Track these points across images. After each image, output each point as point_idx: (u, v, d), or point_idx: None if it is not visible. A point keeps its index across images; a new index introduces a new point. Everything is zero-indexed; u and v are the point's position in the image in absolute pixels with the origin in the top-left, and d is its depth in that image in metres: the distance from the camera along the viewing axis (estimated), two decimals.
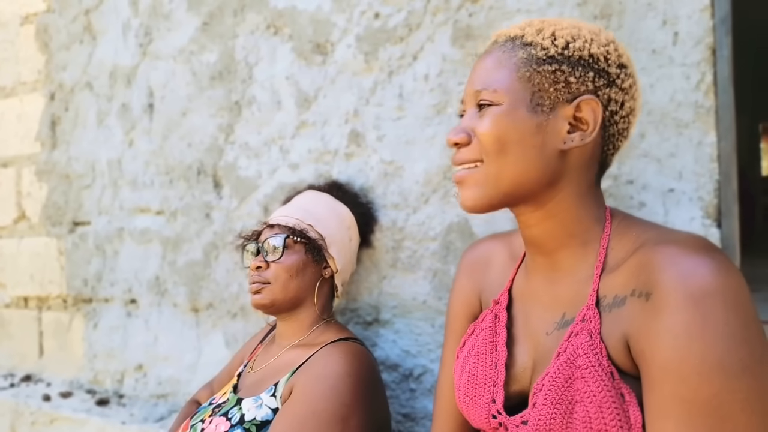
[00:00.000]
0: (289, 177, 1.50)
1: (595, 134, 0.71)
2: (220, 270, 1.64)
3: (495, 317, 0.83)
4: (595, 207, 0.75)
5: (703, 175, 1.04)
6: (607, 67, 0.72)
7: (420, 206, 1.32)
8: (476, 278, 0.92)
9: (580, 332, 0.69)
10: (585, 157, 0.73)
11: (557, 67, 0.70)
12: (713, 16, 1.04)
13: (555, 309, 0.76)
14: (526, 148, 0.70)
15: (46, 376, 2.06)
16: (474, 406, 0.80)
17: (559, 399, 0.67)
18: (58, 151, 2.02)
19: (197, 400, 1.36)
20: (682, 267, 0.60)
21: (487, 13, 1.24)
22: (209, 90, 1.65)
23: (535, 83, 0.71)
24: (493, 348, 0.81)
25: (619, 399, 0.64)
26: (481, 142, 0.72)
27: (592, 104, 0.71)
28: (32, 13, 2.10)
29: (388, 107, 1.36)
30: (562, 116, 0.71)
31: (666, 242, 0.65)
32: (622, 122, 0.74)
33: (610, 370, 0.66)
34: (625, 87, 0.73)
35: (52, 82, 2.04)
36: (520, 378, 0.78)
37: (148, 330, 1.80)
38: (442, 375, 0.95)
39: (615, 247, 0.72)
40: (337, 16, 1.43)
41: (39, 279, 2.07)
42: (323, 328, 1.17)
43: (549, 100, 0.71)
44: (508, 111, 0.71)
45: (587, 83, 0.71)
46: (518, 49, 0.73)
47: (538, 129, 0.70)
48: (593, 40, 0.72)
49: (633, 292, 0.65)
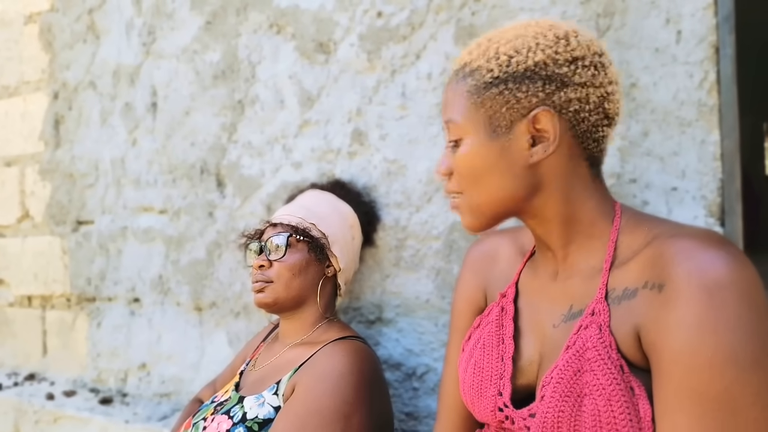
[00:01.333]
0: (292, 176, 1.50)
1: (557, 142, 0.71)
2: (223, 269, 1.64)
3: (502, 310, 0.84)
4: (597, 202, 0.75)
5: (706, 174, 1.04)
6: (557, 69, 0.70)
7: (423, 205, 1.32)
8: (482, 273, 0.93)
9: (590, 325, 0.69)
10: (561, 162, 0.73)
11: (503, 87, 0.71)
12: (716, 14, 1.03)
13: (562, 302, 0.76)
14: (496, 172, 0.73)
15: (49, 375, 2.07)
16: (480, 399, 0.80)
17: (567, 392, 0.67)
18: (62, 150, 2.03)
19: (200, 399, 1.37)
20: (696, 260, 0.61)
21: (490, 11, 1.24)
22: (212, 89, 1.66)
23: (487, 108, 0.73)
24: (499, 341, 0.81)
25: (629, 392, 0.64)
26: (457, 175, 0.77)
27: (546, 115, 0.70)
28: (36, 13, 2.11)
29: (391, 106, 1.36)
30: (520, 133, 0.72)
31: (680, 235, 0.65)
32: (595, 114, 0.72)
33: (619, 363, 0.66)
34: (583, 81, 0.70)
35: (56, 81, 2.04)
36: (526, 371, 0.78)
37: (152, 329, 1.80)
38: (447, 371, 0.95)
39: (625, 241, 0.72)
40: (340, 15, 1.43)
41: (43, 278, 2.08)
42: (326, 326, 1.18)
43: (504, 120, 0.72)
44: (471, 142, 0.74)
45: (538, 94, 0.70)
46: (466, 78, 0.75)
47: (501, 152, 0.73)
48: (537, 44, 0.71)
49: (645, 284, 0.66)
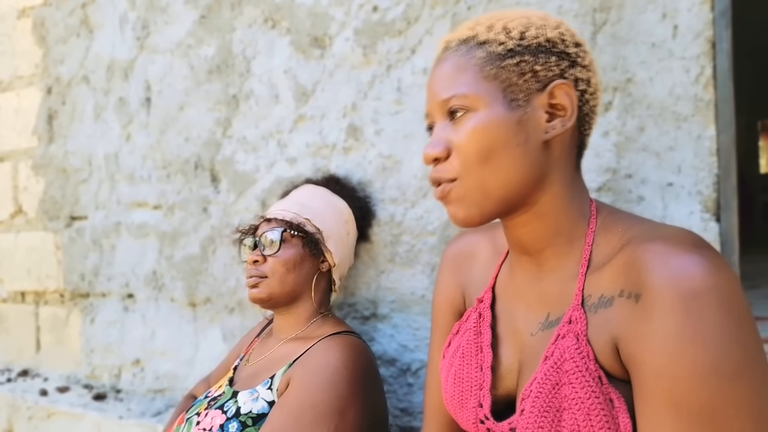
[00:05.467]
0: (286, 171, 1.50)
1: (575, 116, 0.69)
2: (218, 264, 1.63)
3: (479, 316, 0.81)
4: (580, 199, 0.73)
5: (702, 169, 1.04)
6: (566, 48, 0.70)
7: (418, 201, 1.31)
8: (459, 273, 0.90)
9: (567, 335, 0.67)
10: (566, 143, 0.72)
11: (520, 58, 0.68)
12: (713, 9, 1.03)
13: (539, 308, 0.74)
14: (511, 148, 0.68)
15: (43, 371, 2.06)
16: (461, 410, 0.79)
17: (546, 406, 0.65)
18: (55, 145, 2.01)
19: (194, 395, 1.36)
20: (671, 266, 0.58)
21: (486, 6, 1.23)
22: (207, 84, 1.65)
23: (503, 79, 0.68)
24: (478, 349, 0.79)
25: (608, 405, 0.62)
26: (461, 154, 0.69)
27: (564, 88, 0.69)
28: (29, 7, 2.09)
29: (387, 101, 1.35)
30: (538, 106, 0.69)
31: (654, 239, 0.62)
32: (593, 99, 0.73)
33: (597, 374, 0.63)
34: (587, 64, 0.72)
35: (49, 75, 2.03)
36: (506, 379, 0.76)
37: (146, 325, 1.79)
38: (430, 372, 0.94)
39: (600, 244, 0.69)
40: (336, 10, 1.42)
41: (36, 274, 2.07)
42: (320, 321, 1.17)
43: (522, 92, 0.68)
44: (486, 113, 0.68)
45: (552, 68, 0.69)
46: (475, 50, 0.70)
47: (519, 125, 0.68)
48: (545, 25, 0.70)
49: (621, 292, 0.63)
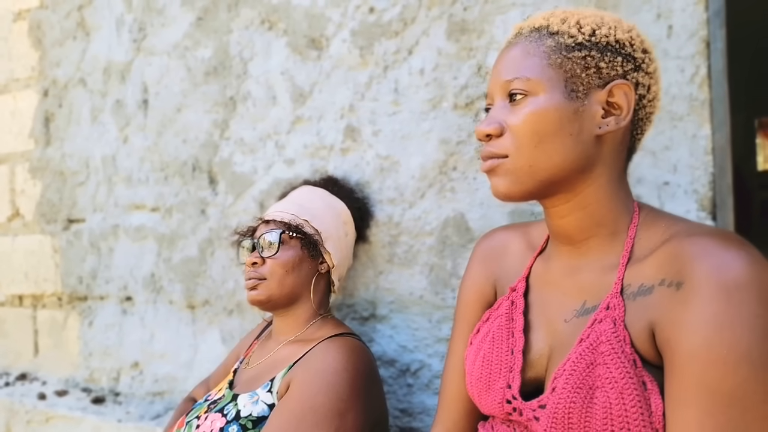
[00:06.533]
0: (284, 172, 1.50)
1: (629, 117, 0.72)
2: (216, 266, 1.63)
3: (512, 304, 0.84)
4: (624, 196, 0.76)
5: (697, 168, 1.04)
6: (633, 52, 0.73)
7: (416, 201, 1.32)
8: (491, 266, 0.93)
9: (604, 319, 0.70)
10: (617, 142, 0.74)
11: (587, 53, 0.72)
12: (707, 8, 1.04)
13: (575, 296, 0.77)
14: (564, 135, 0.71)
15: (41, 375, 2.06)
16: (488, 392, 0.81)
17: (579, 384, 0.68)
18: (52, 147, 2.01)
19: (193, 398, 1.36)
20: (716, 259, 0.61)
21: (482, 6, 1.24)
22: (204, 86, 1.65)
23: (567, 69, 0.72)
24: (509, 334, 0.82)
25: (641, 386, 0.65)
26: (516, 134, 0.72)
27: (624, 88, 0.72)
28: (25, 9, 2.09)
29: (384, 102, 1.35)
30: (596, 101, 0.72)
31: (699, 234, 0.66)
32: (650, 106, 0.76)
33: (633, 357, 0.66)
34: (650, 71, 0.75)
35: (46, 78, 2.03)
36: (535, 364, 0.78)
37: (144, 327, 1.79)
38: (450, 363, 0.95)
39: (642, 237, 0.73)
40: (332, 11, 1.42)
41: (33, 277, 2.06)
42: (320, 323, 1.17)
43: (582, 85, 0.72)
44: (545, 99, 0.71)
45: (616, 68, 0.72)
46: (545, 38, 0.73)
47: (575, 115, 0.71)
48: (617, 26, 0.73)
49: (662, 281, 0.66)
